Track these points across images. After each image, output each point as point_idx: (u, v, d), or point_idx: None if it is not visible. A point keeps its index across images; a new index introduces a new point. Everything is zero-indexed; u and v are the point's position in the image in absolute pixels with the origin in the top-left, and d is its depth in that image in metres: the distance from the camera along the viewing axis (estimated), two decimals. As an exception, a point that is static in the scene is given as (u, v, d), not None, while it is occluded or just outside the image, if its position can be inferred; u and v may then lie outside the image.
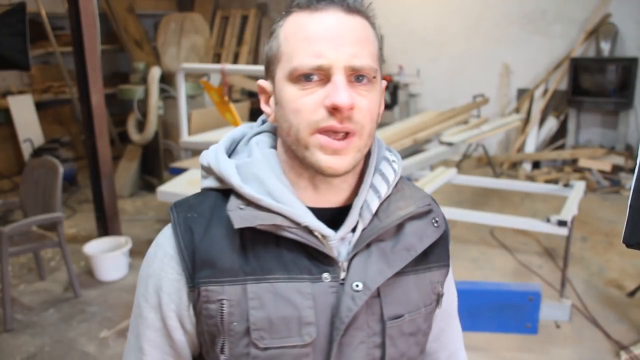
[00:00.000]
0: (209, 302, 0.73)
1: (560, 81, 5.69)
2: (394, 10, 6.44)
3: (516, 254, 3.69)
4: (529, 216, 3.66)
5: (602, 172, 5.22)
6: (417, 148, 4.00)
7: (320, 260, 0.74)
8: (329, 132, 0.70)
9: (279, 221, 0.72)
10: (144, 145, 5.15)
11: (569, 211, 2.92)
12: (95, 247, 3.50)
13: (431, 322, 0.85)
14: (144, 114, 4.99)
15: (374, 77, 0.73)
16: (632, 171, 5.11)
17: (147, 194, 5.17)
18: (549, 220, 2.83)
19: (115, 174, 4.71)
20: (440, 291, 0.84)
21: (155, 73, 4.89)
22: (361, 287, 0.73)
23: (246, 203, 0.74)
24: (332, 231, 0.75)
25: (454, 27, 6.18)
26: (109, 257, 3.41)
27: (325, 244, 0.74)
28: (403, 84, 6.05)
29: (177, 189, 3.22)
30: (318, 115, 0.70)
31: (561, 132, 5.80)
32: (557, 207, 3.24)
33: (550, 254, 3.70)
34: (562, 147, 5.76)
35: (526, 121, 5.84)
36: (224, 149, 0.82)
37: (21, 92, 5.69)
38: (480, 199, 4.75)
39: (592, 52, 5.56)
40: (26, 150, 5.40)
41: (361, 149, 0.73)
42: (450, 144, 4.01)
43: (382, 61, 0.78)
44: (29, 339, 2.81)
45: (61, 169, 3.16)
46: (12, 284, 3.36)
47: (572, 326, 2.84)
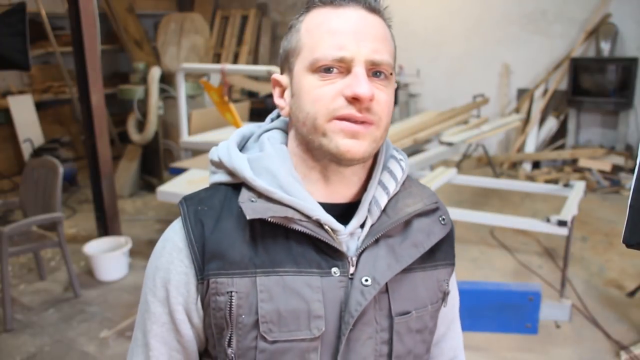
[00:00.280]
0: (218, 294, 0.73)
1: (560, 81, 5.69)
2: (394, 10, 6.39)
3: (516, 254, 3.69)
4: (529, 216, 3.66)
5: (602, 172, 5.22)
6: (417, 148, 4.00)
7: (329, 254, 0.75)
8: (347, 119, 0.71)
9: (290, 214, 0.73)
10: (144, 145, 5.15)
11: (569, 211, 2.92)
12: (95, 247, 3.50)
13: (437, 321, 0.86)
14: (144, 114, 4.99)
15: (390, 73, 0.74)
16: (632, 171, 5.11)
17: (147, 194, 5.17)
18: (549, 220, 2.83)
19: (115, 174, 4.71)
20: (447, 289, 0.85)
21: (155, 73, 4.89)
22: (370, 281, 0.74)
23: (258, 195, 0.75)
24: (342, 226, 0.76)
25: (454, 27, 6.18)
26: (109, 257, 3.41)
27: (335, 238, 0.75)
28: (403, 84, 6.05)
29: (177, 189, 3.22)
30: (337, 104, 0.71)
31: (561, 132, 5.81)
32: (557, 207, 3.24)
33: (550, 254, 3.70)
34: (562, 147, 5.76)
35: (526, 121, 5.84)
36: (235, 144, 0.83)
37: (21, 92, 5.69)
38: (480, 199, 4.75)
39: (592, 52, 5.57)
40: (26, 150, 5.40)
41: (377, 140, 0.74)
42: (450, 144, 4.01)
43: (395, 63, 0.79)
44: (29, 339, 2.81)
45: (61, 169, 3.16)
46: (12, 284, 3.36)
47: (572, 326, 2.84)
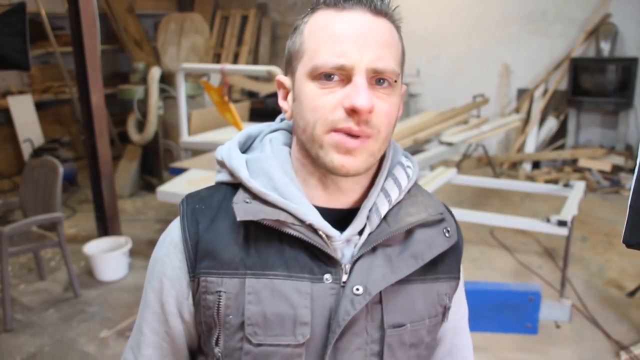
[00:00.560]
0: (208, 293, 0.74)
1: (560, 81, 5.69)
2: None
3: (516, 254, 3.69)
4: (529, 216, 3.66)
5: (602, 172, 5.22)
6: (417, 148, 4.01)
7: (322, 260, 0.73)
8: (344, 132, 0.69)
9: (283, 217, 0.72)
10: (144, 145, 5.15)
11: (569, 211, 2.92)
12: (95, 247, 3.49)
13: (436, 336, 0.83)
14: (144, 114, 4.99)
15: (395, 80, 0.72)
16: (632, 171, 5.11)
17: (147, 194, 5.17)
18: (549, 220, 2.83)
19: (115, 174, 4.71)
20: (447, 304, 0.82)
21: (155, 73, 4.89)
22: (361, 290, 0.72)
23: (252, 197, 0.74)
24: (338, 232, 0.74)
25: (454, 27, 6.18)
26: (109, 257, 3.41)
27: (329, 244, 0.73)
28: (403, 84, 6.03)
29: (177, 189, 3.22)
30: (336, 115, 0.69)
31: (561, 132, 5.81)
32: (557, 207, 3.24)
33: (550, 254, 3.70)
34: (562, 147, 5.76)
35: (526, 121, 5.84)
36: (237, 143, 0.83)
37: (21, 92, 5.69)
38: (480, 199, 4.75)
39: (592, 52, 5.57)
40: (26, 150, 5.39)
41: (375, 153, 0.72)
42: (450, 144, 4.01)
43: (403, 67, 0.77)
44: (29, 339, 2.81)
45: (61, 169, 3.16)
46: (12, 284, 3.36)
47: (572, 326, 2.84)
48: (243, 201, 0.74)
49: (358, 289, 0.71)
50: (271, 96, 5.94)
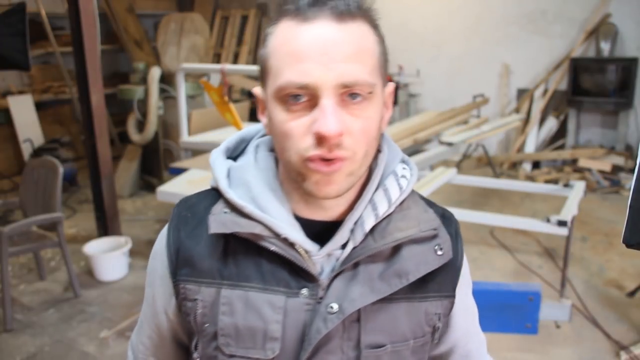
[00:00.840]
0: (187, 300, 0.74)
1: (560, 81, 5.69)
2: (394, 10, 6.44)
3: (516, 254, 3.69)
4: (529, 216, 3.66)
5: (602, 172, 5.22)
6: (417, 148, 4.00)
7: (301, 274, 0.71)
8: (318, 159, 0.65)
9: (258, 230, 0.70)
10: (144, 145, 5.15)
11: (569, 211, 2.92)
12: (95, 247, 3.49)
13: (424, 356, 0.78)
14: (144, 114, 4.99)
15: (370, 92, 0.65)
16: (632, 171, 5.11)
17: (147, 194, 5.17)
18: (549, 220, 2.83)
19: (115, 174, 4.71)
20: (437, 324, 0.77)
21: (155, 73, 4.89)
22: (336, 308, 0.68)
23: (231, 208, 0.72)
24: (316, 246, 0.71)
25: (453, 27, 6.18)
26: (109, 257, 3.41)
27: (307, 258, 0.70)
28: (403, 84, 6.04)
29: (177, 189, 3.22)
30: (306, 142, 0.64)
31: (561, 132, 5.81)
32: (557, 207, 3.24)
33: (550, 254, 3.70)
34: (562, 147, 5.76)
35: (526, 121, 5.84)
36: (224, 149, 0.81)
37: (21, 92, 5.69)
38: (480, 199, 4.75)
39: (592, 52, 5.57)
40: (26, 150, 5.39)
41: (355, 172, 0.68)
42: (450, 144, 4.01)
43: (385, 67, 0.71)
44: (29, 339, 2.81)
45: (61, 169, 3.16)
46: (12, 284, 3.36)
47: (572, 326, 2.84)
48: (222, 211, 0.72)
49: (332, 307, 0.68)
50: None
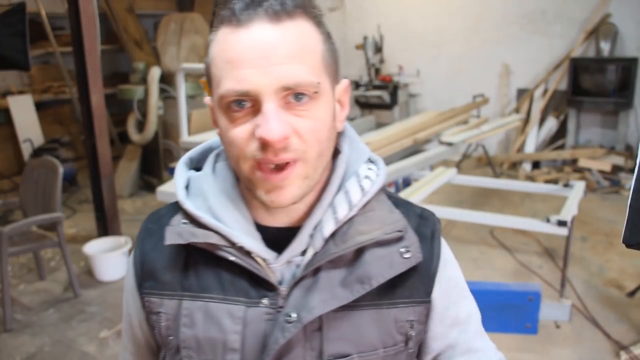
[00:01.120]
0: (151, 313, 0.75)
1: (560, 81, 5.69)
2: (394, 10, 6.44)
3: (516, 254, 3.69)
4: (529, 216, 3.66)
5: (602, 172, 5.22)
6: (417, 148, 4.00)
7: (261, 284, 0.69)
8: (266, 164, 0.63)
9: (214, 240, 0.68)
10: (143, 145, 5.15)
11: (568, 211, 2.92)
12: (95, 247, 3.49)
13: None
14: (144, 114, 4.99)
15: (315, 92, 0.63)
16: (632, 171, 5.11)
17: (147, 194, 5.16)
18: (548, 220, 2.83)
19: (115, 174, 4.71)
20: (409, 332, 0.72)
21: (155, 73, 4.89)
22: (294, 317, 0.65)
23: (189, 219, 0.72)
24: (274, 254, 0.70)
25: (453, 27, 6.18)
26: (109, 257, 3.41)
27: (265, 267, 0.69)
28: (403, 84, 6.05)
29: (177, 189, 3.21)
30: (251, 148, 0.63)
31: (561, 132, 5.80)
32: (557, 207, 3.24)
33: (550, 254, 3.69)
34: (562, 147, 5.76)
35: (526, 121, 5.84)
36: (187, 159, 0.80)
37: (21, 92, 5.69)
38: (480, 199, 4.75)
39: (592, 52, 5.56)
40: (26, 150, 5.39)
41: (309, 174, 0.65)
42: (450, 144, 4.01)
43: (334, 64, 0.69)
44: (28, 339, 2.81)
45: (61, 169, 3.16)
46: (12, 284, 3.36)
47: (572, 326, 2.84)
48: (180, 222, 0.72)
49: (291, 316, 0.66)
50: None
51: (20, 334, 2.86)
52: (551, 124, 5.81)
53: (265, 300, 0.68)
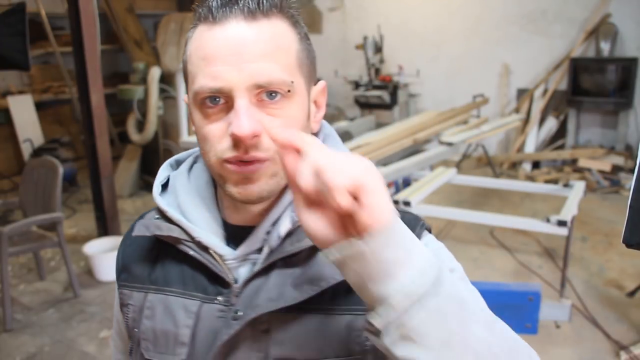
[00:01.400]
0: (123, 305, 0.77)
1: (560, 81, 5.69)
2: (394, 10, 6.44)
3: (516, 254, 3.69)
4: (529, 216, 3.66)
5: (602, 172, 5.22)
6: (417, 148, 4.01)
7: (217, 281, 0.69)
8: (236, 161, 0.64)
9: (176, 234, 0.70)
10: (143, 145, 5.15)
11: (568, 211, 2.92)
12: (95, 247, 3.50)
13: None
14: (143, 114, 4.99)
15: (288, 90, 0.63)
16: (632, 171, 5.11)
17: (147, 194, 5.17)
18: (548, 220, 2.83)
19: (115, 174, 4.71)
20: (366, 344, 0.66)
21: (155, 73, 4.89)
22: (240, 315, 0.66)
23: (161, 214, 0.74)
24: (231, 250, 0.70)
25: (453, 27, 6.18)
26: (109, 257, 3.41)
27: (221, 263, 0.69)
28: (403, 84, 6.05)
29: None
30: (223, 146, 0.63)
31: (561, 132, 5.80)
32: (557, 207, 3.24)
33: (550, 254, 3.69)
34: (562, 147, 5.76)
35: (526, 121, 5.84)
36: (174, 160, 0.81)
37: (21, 92, 5.69)
38: (480, 199, 4.75)
39: (592, 52, 5.57)
40: (26, 150, 5.40)
41: (278, 173, 0.65)
42: (450, 144, 4.01)
43: (310, 64, 0.69)
44: (28, 339, 2.81)
45: (61, 169, 3.16)
46: (12, 284, 3.36)
47: (572, 326, 2.84)
48: (153, 217, 0.74)
49: (237, 313, 0.66)
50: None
51: (20, 334, 2.86)
52: (551, 124, 5.81)
53: (220, 298, 0.69)
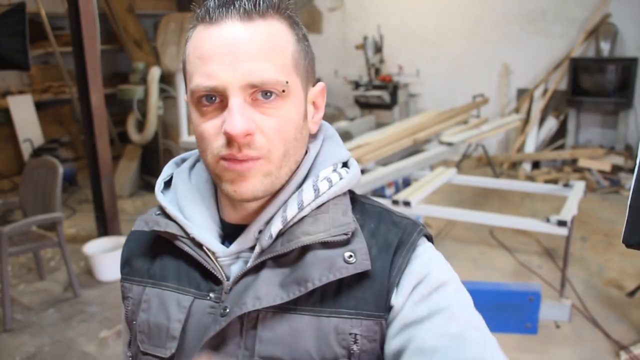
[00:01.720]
0: (124, 298, 0.79)
1: (560, 81, 5.69)
2: (394, 10, 6.44)
3: (516, 254, 3.69)
4: (529, 216, 3.66)
5: (601, 172, 5.22)
6: (417, 148, 4.00)
7: (210, 277, 0.70)
8: (230, 159, 0.65)
9: (173, 230, 0.72)
10: (143, 145, 5.15)
11: (568, 211, 2.92)
12: (95, 247, 3.50)
13: None
14: (143, 114, 4.99)
15: (283, 90, 0.64)
16: (631, 171, 5.11)
17: (146, 194, 5.17)
18: (548, 220, 2.83)
19: (115, 174, 4.71)
20: (352, 347, 0.65)
21: (155, 73, 4.89)
22: (227, 311, 0.67)
23: (162, 210, 0.76)
24: (222, 247, 0.71)
25: (453, 27, 6.18)
26: (109, 257, 3.41)
27: (214, 260, 0.70)
28: (403, 84, 6.05)
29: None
30: (218, 143, 0.65)
31: (561, 132, 5.80)
32: (557, 207, 3.24)
33: (550, 254, 3.69)
34: (561, 147, 5.76)
35: (526, 121, 5.84)
36: (179, 159, 0.83)
37: (21, 92, 5.69)
38: (480, 199, 4.75)
39: (592, 52, 5.56)
40: (26, 150, 5.40)
41: (272, 172, 0.66)
42: (450, 144, 4.01)
43: (308, 65, 0.70)
44: (28, 339, 2.81)
45: (61, 169, 3.16)
46: (12, 284, 3.36)
47: (571, 326, 2.84)
48: (154, 213, 0.76)
49: (225, 309, 0.66)
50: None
51: (20, 334, 2.86)
52: (551, 124, 5.81)
53: (212, 294, 0.70)
